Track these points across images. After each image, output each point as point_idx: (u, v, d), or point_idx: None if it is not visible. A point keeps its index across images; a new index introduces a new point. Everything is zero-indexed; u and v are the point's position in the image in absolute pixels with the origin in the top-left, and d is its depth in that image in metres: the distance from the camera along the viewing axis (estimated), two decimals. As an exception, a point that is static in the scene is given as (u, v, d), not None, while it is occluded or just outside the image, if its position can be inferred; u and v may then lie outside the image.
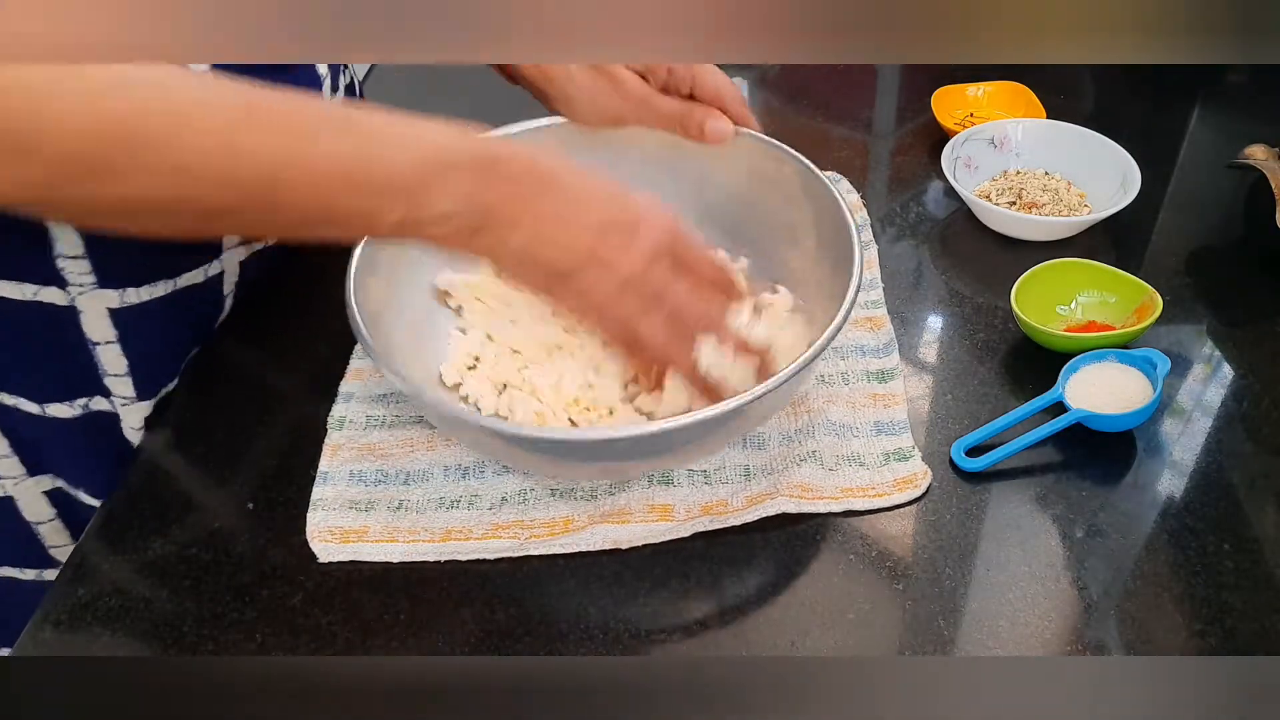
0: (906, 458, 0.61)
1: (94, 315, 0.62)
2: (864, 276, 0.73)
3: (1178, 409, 0.64)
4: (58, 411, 0.65)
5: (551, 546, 0.58)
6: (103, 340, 0.64)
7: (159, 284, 0.64)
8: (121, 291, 0.62)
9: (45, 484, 0.69)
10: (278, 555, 0.59)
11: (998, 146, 0.83)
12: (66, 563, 0.60)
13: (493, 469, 0.62)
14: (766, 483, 0.60)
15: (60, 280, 0.60)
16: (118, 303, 0.63)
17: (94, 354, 0.64)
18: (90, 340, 0.63)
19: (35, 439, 0.66)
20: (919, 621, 0.54)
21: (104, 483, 0.68)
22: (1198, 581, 0.54)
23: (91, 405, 0.66)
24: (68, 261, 0.60)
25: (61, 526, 0.72)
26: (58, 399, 0.65)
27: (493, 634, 0.55)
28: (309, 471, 0.63)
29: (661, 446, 0.55)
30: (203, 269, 0.67)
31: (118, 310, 0.63)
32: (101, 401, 0.66)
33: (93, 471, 0.69)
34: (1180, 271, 0.74)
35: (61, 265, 0.60)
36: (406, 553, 0.58)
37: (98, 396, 0.66)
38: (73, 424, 0.66)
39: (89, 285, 0.61)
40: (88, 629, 0.56)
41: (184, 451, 0.66)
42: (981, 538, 0.57)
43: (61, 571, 0.59)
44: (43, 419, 0.65)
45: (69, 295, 0.61)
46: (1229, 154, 0.80)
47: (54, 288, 0.61)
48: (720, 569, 0.57)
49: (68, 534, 0.72)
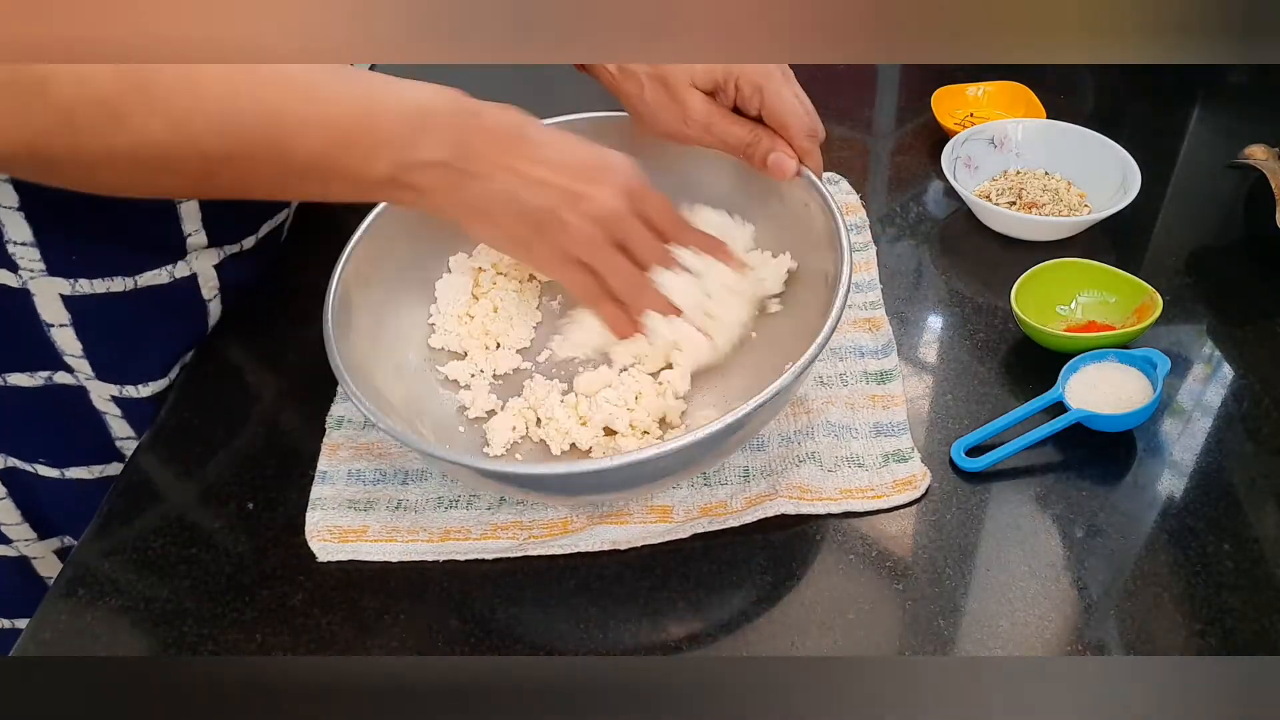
0: (906, 459, 0.61)
1: (46, 299, 0.64)
2: (862, 277, 0.74)
3: (1178, 409, 0.64)
4: (19, 381, 0.66)
5: (550, 547, 0.58)
6: (56, 323, 0.65)
7: (115, 279, 0.65)
8: (73, 281, 0.63)
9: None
10: (278, 555, 0.59)
11: (998, 146, 0.83)
12: (67, 563, 0.60)
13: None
14: (766, 484, 0.60)
15: (11, 264, 0.61)
16: (69, 290, 0.63)
17: (49, 335, 0.65)
18: (45, 322, 0.64)
19: None
20: (919, 621, 0.54)
21: (65, 453, 0.70)
22: (1198, 581, 0.54)
23: (55, 379, 0.67)
24: (17, 248, 0.61)
25: (11, 506, 0.73)
26: (17, 369, 0.66)
27: (492, 634, 0.55)
28: (309, 471, 0.63)
29: (641, 476, 0.54)
30: (166, 269, 0.67)
31: (70, 297, 0.64)
32: (65, 376, 0.67)
33: (50, 442, 0.70)
34: (1180, 271, 0.74)
35: (12, 250, 0.61)
36: (405, 552, 0.58)
37: (60, 371, 0.67)
38: (34, 394, 0.67)
39: (39, 272, 0.62)
40: (88, 629, 0.56)
41: (184, 451, 0.66)
42: (981, 538, 0.57)
43: (61, 571, 0.59)
44: (1, 389, 0.66)
45: (20, 279, 0.62)
46: (1229, 154, 0.80)
47: (6, 270, 0.62)
48: (720, 569, 0.57)
49: (18, 512, 0.73)
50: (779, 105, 0.62)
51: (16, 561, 0.76)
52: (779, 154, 0.62)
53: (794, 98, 0.62)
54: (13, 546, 0.75)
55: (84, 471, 0.72)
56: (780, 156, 0.62)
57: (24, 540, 0.75)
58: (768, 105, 0.62)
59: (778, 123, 0.62)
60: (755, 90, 0.61)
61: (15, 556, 0.75)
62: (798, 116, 0.62)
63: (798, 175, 0.63)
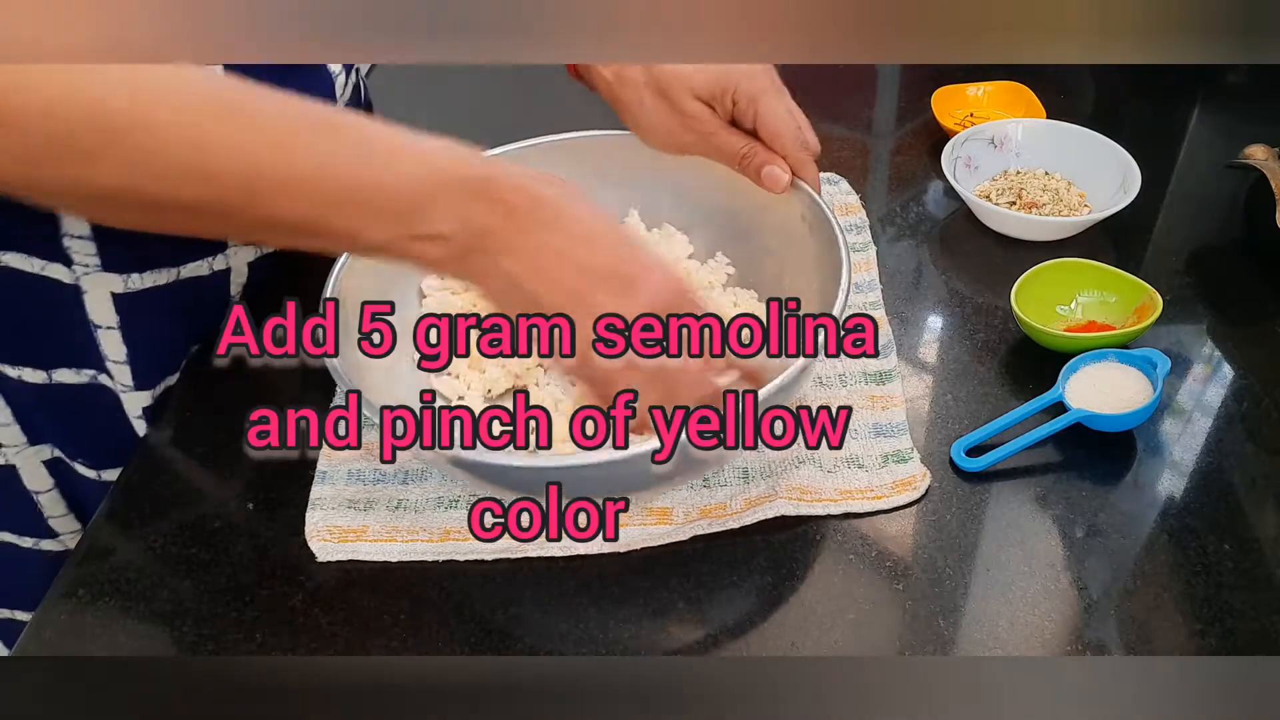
0: (905, 459, 0.61)
1: (97, 298, 0.63)
2: (862, 277, 0.74)
3: (1178, 409, 0.64)
4: (64, 378, 0.66)
5: (549, 548, 0.58)
6: (104, 325, 0.64)
7: (162, 271, 0.65)
8: (125, 277, 0.63)
9: (45, 453, 0.70)
10: (278, 555, 0.59)
11: (998, 146, 0.83)
12: (66, 562, 0.60)
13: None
14: (765, 485, 0.60)
15: (66, 258, 0.61)
16: (121, 288, 0.63)
17: (95, 336, 0.65)
18: (93, 323, 0.64)
19: (36, 407, 0.67)
20: (919, 621, 0.54)
21: (101, 454, 0.69)
22: (1198, 581, 0.54)
23: (98, 379, 0.67)
24: (74, 241, 0.60)
25: (59, 497, 0.72)
26: (63, 365, 0.66)
27: (492, 634, 0.55)
28: (309, 471, 0.63)
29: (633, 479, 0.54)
30: (206, 261, 0.67)
31: (121, 295, 0.64)
32: (105, 379, 0.67)
33: (92, 442, 0.69)
34: (1180, 271, 0.74)
35: (68, 244, 0.60)
36: (405, 552, 0.58)
37: (102, 374, 0.67)
38: (78, 391, 0.67)
39: (94, 267, 0.62)
40: (88, 629, 0.56)
41: (184, 451, 0.66)
42: (981, 538, 0.57)
43: (62, 571, 0.59)
44: (47, 386, 0.66)
45: (74, 274, 0.62)
46: (1229, 154, 0.80)
47: (59, 264, 0.61)
48: (720, 569, 0.57)
49: (64, 504, 0.73)
50: (772, 119, 0.62)
51: (61, 556, 0.75)
52: (772, 167, 0.63)
53: (786, 112, 0.63)
54: (59, 540, 0.74)
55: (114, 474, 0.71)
56: (773, 169, 0.63)
57: (69, 533, 0.74)
58: (761, 118, 0.62)
59: (771, 135, 0.63)
60: (750, 102, 0.62)
61: (60, 551, 0.75)
62: (790, 130, 0.62)
63: (791, 187, 0.63)
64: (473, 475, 0.56)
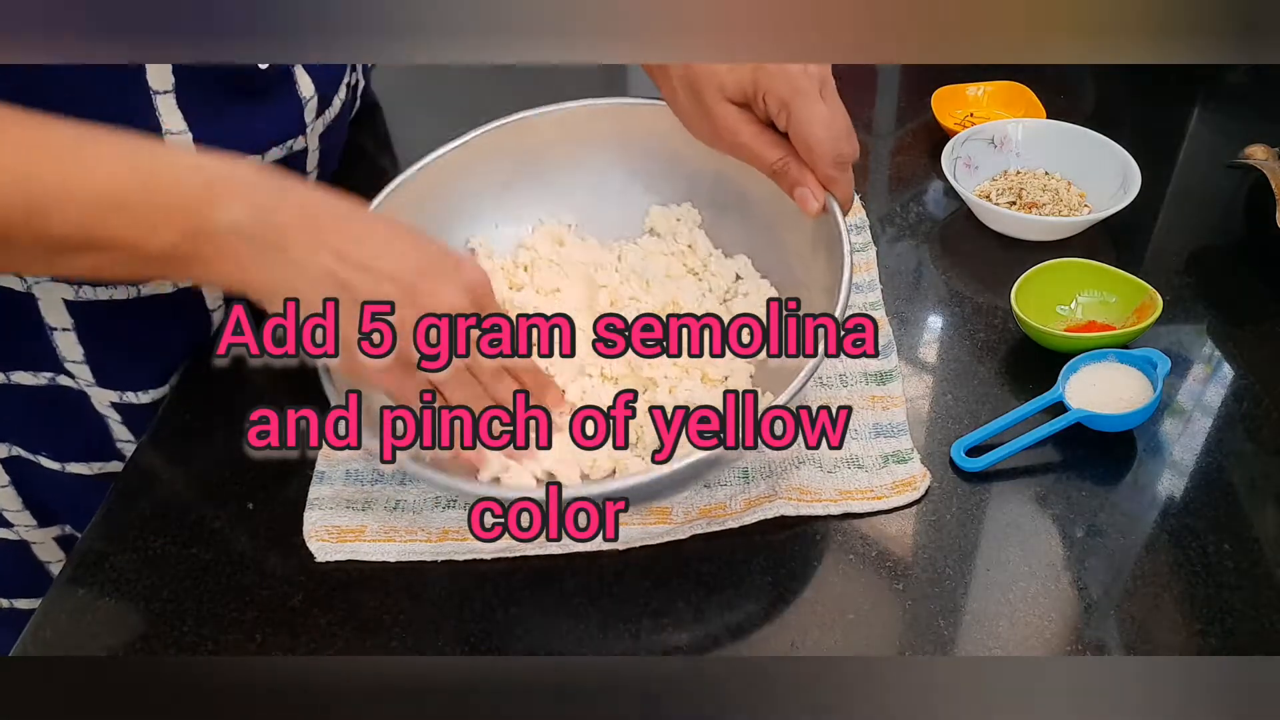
0: (905, 460, 0.61)
1: (50, 303, 0.64)
2: (863, 277, 0.74)
3: (1178, 409, 0.64)
4: (21, 379, 0.67)
5: (549, 548, 0.58)
6: (59, 327, 0.65)
7: (119, 288, 0.65)
8: (76, 287, 0.63)
9: (1, 451, 0.70)
10: (277, 555, 0.59)
11: (998, 146, 0.83)
12: (66, 562, 0.60)
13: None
14: (765, 485, 0.60)
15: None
16: (72, 296, 0.63)
17: (51, 337, 0.65)
18: (48, 325, 0.64)
19: None
20: (919, 621, 0.54)
21: (66, 448, 0.70)
22: (1198, 581, 0.54)
23: (58, 380, 0.67)
24: None
25: (14, 494, 0.73)
26: (21, 368, 0.66)
27: (492, 634, 0.55)
28: (308, 472, 0.63)
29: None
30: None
31: (73, 302, 0.64)
32: (66, 379, 0.67)
33: (52, 436, 0.70)
34: (1180, 271, 0.74)
35: None
36: (403, 552, 0.58)
37: (61, 375, 0.67)
38: (36, 392, 0.67)
39: (43, 278, 0.62)
40: (88, 629, 0.56)
41: (183, 451, 0.66)
42: (981, 538, 0.57)
43: (61, 571, 0.59)
44: (4, 387, 0.66)
45: (25, 283, 0.62)
46: (1229, 154, 0.80)
47: (10, 274, 0.62)
48: (720, 569, 0.57)
49: (19, 500, 0.74)
50: (804, 128, 0.56)
51: (16, 545, 0.77)
52: (804, 189, 0.58)
53: (821, 120, 0.56)
54: (14, 530, 0.76)
55: (84, 467, 0.72)
56: (805, 192, 0.58)
57: (25, 526, 0.75)
58: (793, 125, 0.56)
59: (803, 145, 0.57)
60: (781, 107, 0.56)
61: (16, 540, 0.76)
62: (822, 141, 0.56)
63: (823, 211, 0.59)
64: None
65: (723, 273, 0.69)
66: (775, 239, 0.68)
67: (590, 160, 0.71)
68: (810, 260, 0.64)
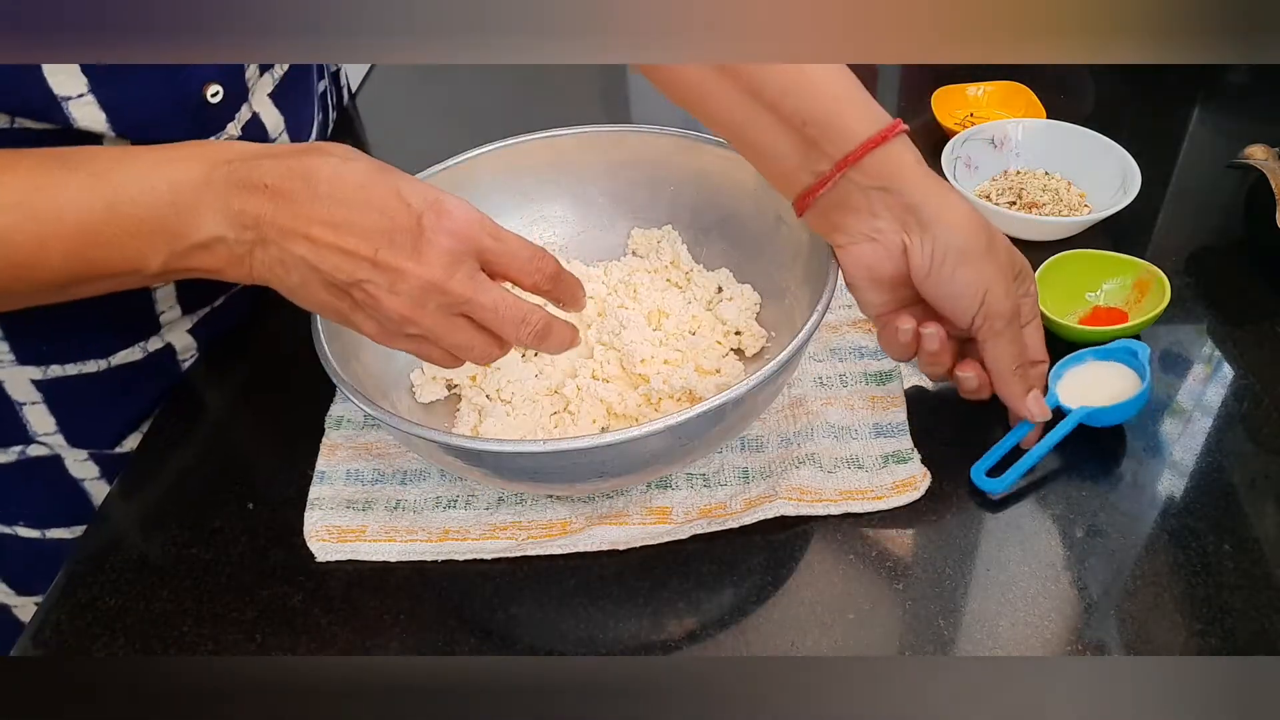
0: (905, 460, 0.61)
1: (16, 383, 0.62)
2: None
3: (1178, 409, 0.64)
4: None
5: (549, 548, 0.58)
6: (27, 401, 0.63)
7: (89, 362, 0.64)
8: (44, 368, 0.62)
9: None
10: (277, 555, 0.59)
11: (998, 146, 0.83)
12: (66, 561, 0.60)
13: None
14: (765, 485, 0.60)
15: None
16: (40, 376, 0.62)
17: (20, 412, 0.64)
18: (16, 401, 0.63)
19: None
20: (919, 621, 0.54)
21: (47, 515, 0.68)
22: (1198, 581, 0.54)
23: (28, 452, 0.66)
24: None
25: None
26: None
27: (492, 634, 0.55)
28: (308, 471, 0.63)
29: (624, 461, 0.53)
30: (139, 346, 0.66)
31: (41, 381, 0.63)
32: (38, 449, 0.66)
33: (35, 506, 0.69)
34: (1180, 271, 0.74)
35: None
36: (404, 552, 0.58)
37: (33, 444, 0.66)
38: (11, 468, 0.66)
39: (8, 362, 0.61)
40: (88, 629, 0.56)
41: (183, 451, 0.66)
42: (981, 538, 0.57)
43: (61, 571, 0.59)
44: None
45: None
46: (1229, 154, 0.80)
47: None
48: (720, 569, 0.57)
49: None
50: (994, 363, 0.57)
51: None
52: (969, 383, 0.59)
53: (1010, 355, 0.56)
54: None
55: (65, 532, 0.70)
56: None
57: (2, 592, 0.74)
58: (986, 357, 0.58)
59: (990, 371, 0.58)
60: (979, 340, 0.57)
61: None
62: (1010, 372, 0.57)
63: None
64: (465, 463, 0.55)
65: (705, 284, 0.70)
66: (757, 254, 0.69)
67: (576, 185, 0.72)
68: (791, 267, 0.65)
